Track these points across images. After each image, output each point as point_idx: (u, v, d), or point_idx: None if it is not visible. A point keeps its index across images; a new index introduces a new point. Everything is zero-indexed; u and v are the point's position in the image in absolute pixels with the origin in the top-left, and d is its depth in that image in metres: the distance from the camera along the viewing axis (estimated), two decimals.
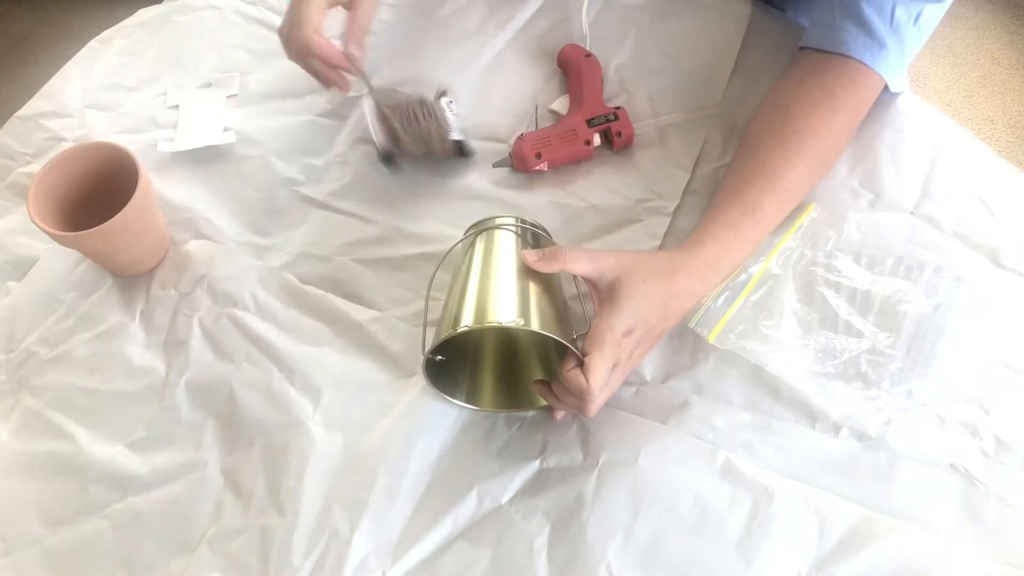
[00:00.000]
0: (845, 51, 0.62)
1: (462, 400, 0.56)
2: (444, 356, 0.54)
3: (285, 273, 0.65)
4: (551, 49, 0.77)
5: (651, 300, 0.52)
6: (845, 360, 0.57)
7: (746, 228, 0.58)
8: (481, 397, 0.57)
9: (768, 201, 0.59)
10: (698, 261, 0.56)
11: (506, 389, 0.58)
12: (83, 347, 0.62)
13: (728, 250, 0.58)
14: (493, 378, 0.59)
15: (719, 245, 0.57)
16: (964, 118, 1.79)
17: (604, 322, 0.50)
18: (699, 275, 0.56)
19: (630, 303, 0.51)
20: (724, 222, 0.58)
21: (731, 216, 0.59)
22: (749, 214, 0.59)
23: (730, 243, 0.58)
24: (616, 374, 0.52)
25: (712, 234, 0.58)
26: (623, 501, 0.52)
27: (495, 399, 0.57)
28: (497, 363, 0.60)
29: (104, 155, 0.62)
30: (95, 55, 0.82)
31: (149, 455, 0.57)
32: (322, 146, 0.73)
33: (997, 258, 0.61)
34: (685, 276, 0.55)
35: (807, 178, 0.62)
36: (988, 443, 0.53)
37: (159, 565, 0.52)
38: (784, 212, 0.61)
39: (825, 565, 0.49)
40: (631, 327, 0.51)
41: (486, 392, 0.57)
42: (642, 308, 0.52)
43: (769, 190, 0.59)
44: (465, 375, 0.58)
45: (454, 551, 0.52)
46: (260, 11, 0.84)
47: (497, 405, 0.57)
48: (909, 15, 0.61)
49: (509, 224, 0.57)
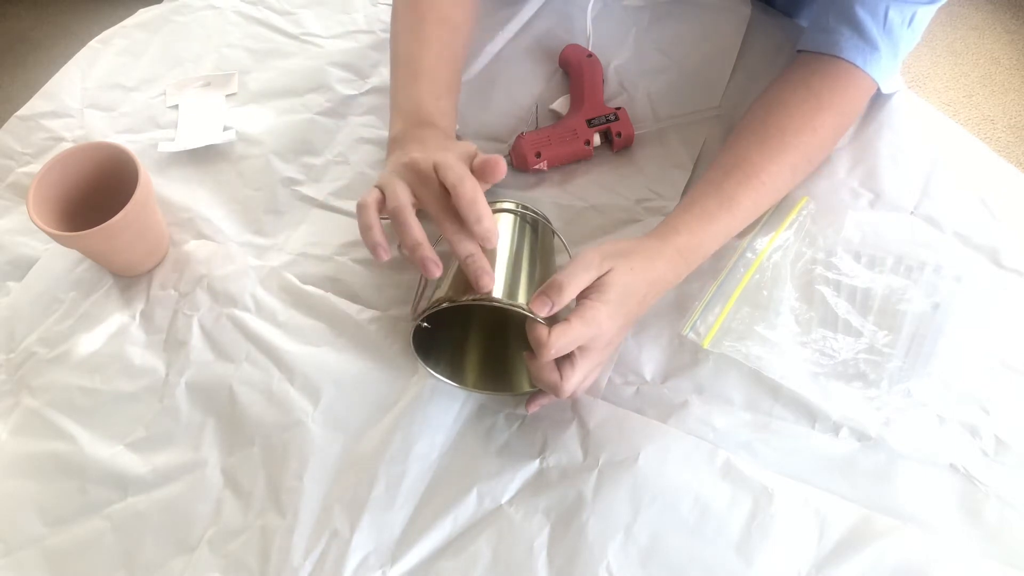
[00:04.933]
0: (837, 53, 0.63)
1: (446, 376, 0.56)
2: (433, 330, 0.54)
3: (285, 273, 0.65)
4: (552, 49, 0.77)
5: (635, 288, 0.53)
6: (844, 359, 0.57)
7: (721, 219, 0.59)
8: (466, 377, 0.57)
9: (744, 194, 0.59)
10: (671, 249, 0.56)
11: (492, 372, 0.58)
12: (83, 347, 0.62)
13: (702, 240, 0.58)
14: (479, 360, 0.59)
15: (694, 235, 0.58)
16: (964, 118, 1.79)
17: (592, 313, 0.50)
18: (673, 263, 0.56)
19: (618, 293, 0.51)
20: (699, 212, 0.59)
21: (707, 206, 0.59)
22: (725, 206, 0.59)
23: (705, 233, 0.58)
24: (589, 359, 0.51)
25: (687, 223, 0.58)
26: (623, 501, 0.52)
27: (480, 381, 0.57)
28: (485, 345, 0.60)
29: (104, 155, 0.62)
30: (95, 55, 0.82)
31: (149, 455, 0.57)
32: (322, 146, 0.73)
33: (997, 258, 0.61)
34: (661, 263, 0.55)
35: (789, 174, 0.62)
36: (988, 443, 0.53)
37: (159, 565, 0.52)
38: (762, 206, 0.62)
39: (825, 565, 0.49)
40: (615, 315, 0.51)
41: (470, 373, 0.58)
42: (626, 296, 0.52)
43: (746, 184, 0.60)
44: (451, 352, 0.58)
45: (454, 551, 0.52)
46: (260, 11, 0.84)
47: (481, 386, 0.57)
48: (903, 17, 0.61)
49: (511, 208, 0.57)
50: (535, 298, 0.50)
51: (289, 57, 0.80)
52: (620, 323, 0.52)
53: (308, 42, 0.81)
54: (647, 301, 0.55)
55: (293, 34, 0.82)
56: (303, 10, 0.84)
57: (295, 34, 0.82)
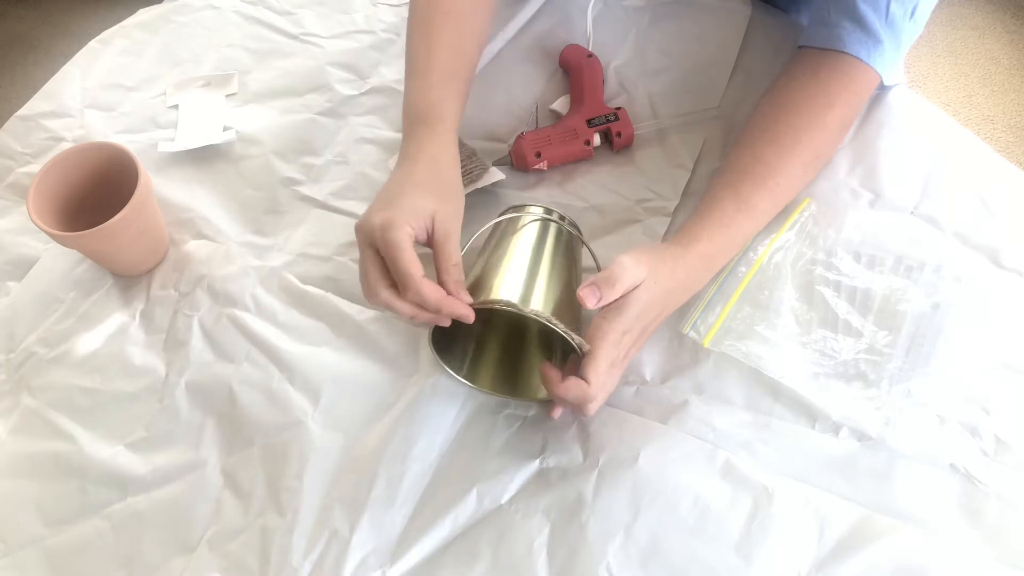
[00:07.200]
0: (841, 47, 0.62)
1: (458, 372, 0.56)
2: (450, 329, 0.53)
3: (285, 273, 0.65)
4: (552, 49, 0.77)
5: (651, 297, 0.52)
6: (844, 359, 0.57)
7: (740, 223, 0.59)
8: (480, 378, 0.57)
9: (762, 196, 0.60)
10: (694, 257, 0.56)
11: (507, 374, 0.58)
12: (83, 347, 0.62)
13: (723, 245, 0.58)
14: (496, 362, 0.59)
15: (714, 241, 0.58)
16: (964, 118, 1.79)
17: (608, 323, 0.50)
18: (695, 271, 0.57)
19: (635, 303, 0.51)
20: (718, 218, 0.58)
21: (725, 211, 0.59)
22: (743, 209, 0.59)
23: (724, 238, 0.58)
24: (614, 372, 0.52)
25: (708, 230, 0.58)
26: (623, 501, 0.52)
27: (494, 383, 0.57)
28: (502, 347, 0.60)
29: (104, 155, 0.62)
30: (95, 55, 0.82)
31: (149, 455, 0.57)
32: (322, 146, 0.73)
33: (997, 258, 0.61)
34: (683, 271, 0.55)
35: (801, 173, 0.62)
36: (988, 443, 0.53)
37: (159, 565, 0.52)
38: (778, 207, 0.62)
39: (825, 565, 0.49)
40: (632, 326, 0.51)
41: (486, 374, 0.58)
42: (643, 306, 0.52)
43: (763, 186, 0.60)
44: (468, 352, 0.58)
45: (454, 551, 0.52)
46: (260, 11, 0.84)
47: (496, 388, 0.57)
48: (905, 10, 0.61)
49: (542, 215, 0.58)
50: (583, 288, 0.50)
51: (289, 57, 0.80)
52: (640, 327, 0.53)
53: (308, 42, 0.81)
54: (666, 313, 0.56)
55: (293, 34, 0.82)
56: (303, 10, 0.84)
57: (295, 34, 0.82)
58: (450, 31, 0.64)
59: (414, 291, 0.49)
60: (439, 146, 0.59)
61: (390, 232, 0.50)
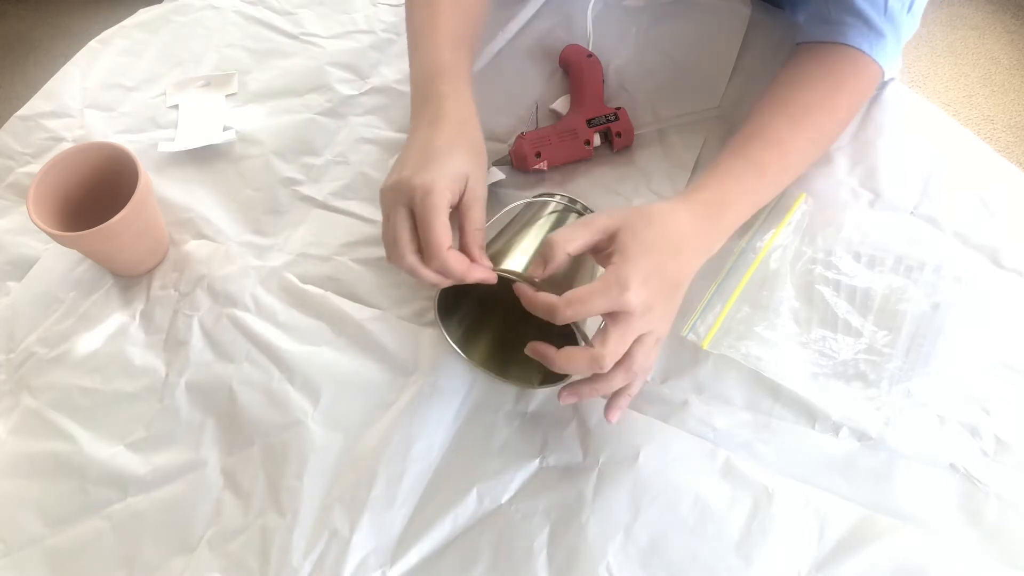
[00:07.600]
0: (844, 40, 0.63)
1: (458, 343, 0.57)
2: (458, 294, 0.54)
3: (285, 273, 0.65)
4: (552, 49, 0.77)
5: (657, 242, 0.48)
6: (844, 359, 0.57)
7: (748, 178, 0.57)
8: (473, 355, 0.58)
9: (770, 159, 0.58)
10: (699, 204, 0.53)
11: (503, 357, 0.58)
12: (83, 347, 0.62)
13: (726, 196, 0.55)
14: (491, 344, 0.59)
15: (720, 189, 0.55)
16: (964, 118, 1.79)
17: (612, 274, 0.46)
18: (702, 217, 0.53)
19: (639, 249, 0.47)
20: (725, 170, 0.57)
21: (732, 166, 0.57)
22: (751, 167, 0.57)
23: (731, 191, 0.55)
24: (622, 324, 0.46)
25: (709, 181, 0.56)
26: (623, 501, 0.52)
27: (488, 361, 0.58)
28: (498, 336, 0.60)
29: (104, 155, 0.62)
30: (95, 55, 0.82)
31: (149, 455, 0.57)
32: (322, 146, 0.73)
33: (997, 258, 0.61)
34: (688, 217, 0.51)
35: (809, 147, 0.62)
36: (988, 443, 0.53)
37: (159, 565, 0.52)
38: (787, 176, 0.60)
39: (825, 565, 0.49)
40: (645, 274, 0.46)
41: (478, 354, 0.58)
42: (649, 251, 0.47)
43: (770, 149, 0.59)
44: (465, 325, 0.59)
45: (454, 551, 0.52)
46: (260, 11, 0.84)
47: (489, 367, 0.57)
48: (903, 4, 0.62)
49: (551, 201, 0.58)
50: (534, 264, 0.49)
51: (289, 57, 0.80)
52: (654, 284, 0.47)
53: (308, 42, 0.81)
54: (682, 260, 0.50)
55: (293, 34, 0.82)
56: (303, 10, 0.84)
57: (295, 34, 0.82)
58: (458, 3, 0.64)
59: (440, 261, 0.48)
60: (464, 106, 0.57)
61: (432, 196, 0.48)
